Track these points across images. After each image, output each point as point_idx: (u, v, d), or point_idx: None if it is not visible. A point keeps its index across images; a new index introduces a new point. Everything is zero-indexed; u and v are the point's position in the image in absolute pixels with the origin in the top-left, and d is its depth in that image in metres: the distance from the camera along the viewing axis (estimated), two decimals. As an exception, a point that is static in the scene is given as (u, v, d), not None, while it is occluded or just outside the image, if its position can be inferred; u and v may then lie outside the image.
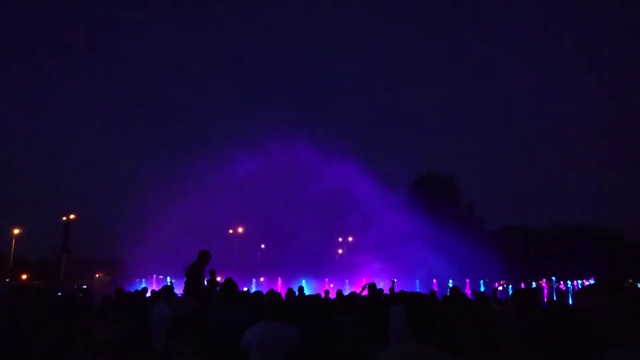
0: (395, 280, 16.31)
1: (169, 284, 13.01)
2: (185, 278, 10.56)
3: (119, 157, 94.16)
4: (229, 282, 6.18)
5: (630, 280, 51.08)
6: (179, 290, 10.94)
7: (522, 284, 38.84)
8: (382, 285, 19.80)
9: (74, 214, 42.43)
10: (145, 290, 13.22)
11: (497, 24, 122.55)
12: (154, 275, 39.99)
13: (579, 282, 38.18)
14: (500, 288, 30.07)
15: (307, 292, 14.86)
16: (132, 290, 14.65)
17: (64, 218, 41.68)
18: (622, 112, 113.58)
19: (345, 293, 13.01)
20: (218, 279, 12.90)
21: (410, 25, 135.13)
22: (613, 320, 2.14)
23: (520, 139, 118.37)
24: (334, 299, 11.47)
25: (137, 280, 37.85)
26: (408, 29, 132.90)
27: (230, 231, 49.48)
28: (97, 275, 43.05)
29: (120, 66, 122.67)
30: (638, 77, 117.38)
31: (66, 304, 8.46)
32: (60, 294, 15.80)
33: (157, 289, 11.27)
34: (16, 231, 41.93)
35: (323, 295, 12.18)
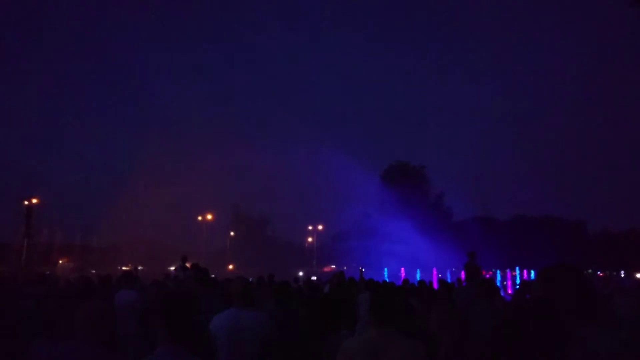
0: (362, 269, 16.76)
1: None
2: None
3: (87, 141, 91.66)
4: (198, 267, 6.11)
5: (590, 270, 52.93)
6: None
7: (487, 274, 39.75)
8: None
9: (37, 198, 41.10)
10: (109, 276, 12.94)
11: (470, 16, 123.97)
12: (121, 263, 39.42)
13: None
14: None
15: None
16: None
17: (26, 202, 40.33)
18: (587, 104, 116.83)
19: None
20: (188, 265, 12.82)
21: (382, 17, 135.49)
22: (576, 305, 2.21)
23: (489, 132, 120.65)
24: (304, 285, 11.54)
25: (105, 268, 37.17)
26: (379, 21, 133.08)
27: (200, 218, 48.99)
28: (60, 262, 41.95)
29: (89, 47, 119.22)
30: (603, 72, 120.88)
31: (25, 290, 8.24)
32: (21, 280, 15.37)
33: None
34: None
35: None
